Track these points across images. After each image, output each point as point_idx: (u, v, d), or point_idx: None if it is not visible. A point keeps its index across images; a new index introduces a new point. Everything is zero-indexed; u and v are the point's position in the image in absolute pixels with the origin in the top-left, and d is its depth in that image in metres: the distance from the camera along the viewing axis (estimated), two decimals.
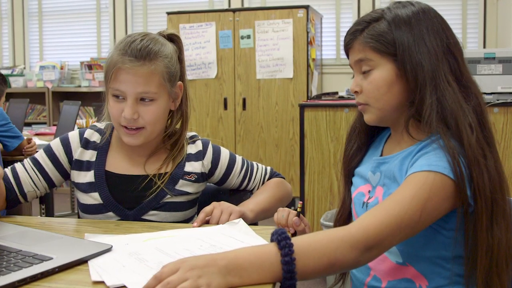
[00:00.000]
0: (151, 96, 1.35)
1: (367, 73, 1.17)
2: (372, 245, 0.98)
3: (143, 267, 0.99)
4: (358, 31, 1.17)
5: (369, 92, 1.17)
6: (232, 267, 0.89)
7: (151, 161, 1.46)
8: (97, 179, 1.43)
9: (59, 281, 0.95)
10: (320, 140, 3.06)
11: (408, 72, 1.12)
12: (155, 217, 1.42)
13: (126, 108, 1.34)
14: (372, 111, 1.19)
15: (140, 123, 1.36)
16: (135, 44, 1.34)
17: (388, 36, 1.14)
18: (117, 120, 1.37)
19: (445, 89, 1.10)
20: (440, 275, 1.13)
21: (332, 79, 5.14)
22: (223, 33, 4.63)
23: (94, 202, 1.43)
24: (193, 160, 1.48)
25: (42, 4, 6.13)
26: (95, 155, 1.45)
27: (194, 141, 1.52)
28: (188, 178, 1.46)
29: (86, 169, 1.45)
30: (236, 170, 1.53)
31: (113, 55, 1.36)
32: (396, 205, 1.01)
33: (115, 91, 1.36)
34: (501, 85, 2.82)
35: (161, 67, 1.36)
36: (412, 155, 1.12)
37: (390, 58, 1.14)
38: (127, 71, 1.33)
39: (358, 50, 1.18)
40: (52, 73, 5.78)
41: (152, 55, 1.34)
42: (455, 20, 4.88)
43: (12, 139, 2.99)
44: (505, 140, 2.78)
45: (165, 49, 1.39)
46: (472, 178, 1.04)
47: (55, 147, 1.46)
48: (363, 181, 1.27)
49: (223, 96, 4.68)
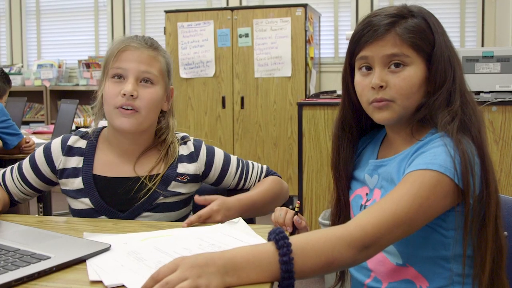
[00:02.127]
0: (152, 78, 1.39)
1: (398, 68, 1.12)
2: (370, 244, 0.97)
3: (141, 266, 0.99)
4: (392, 23, 1.11)
5: (400, 89, 1.12)
6: (230, 266, 0.88)
7: (142, 162, 1.45)
8: (86, 185, 1.42)
9: (57, 281, 0.95)
10: (318, 138, 3.06)
11: (437, 76, 1.11)
12: (149, 218, 1.42)
13: (127, 84, 1.35)
14: (395, 109, 1.14)
15: (136, 104, 1.36)
16: (136, 36, 1.42)
17: (427, 34, 1.12)
18: (113, 102, 1.37)
19: (470, 98, 1.12)
20: (441, 275, 1.13)
21: (330, 78, 5.13)
22: (221, 32, 4.63)
23: (85, 207, 1.42)
24: (185, 161, 1.47)
25: (40, 2, 6.11)
26: (82, 161, 1.44)
27: (185, 142, 1.50)
28: (181, 179, 1.45)
29: (73, 175, 1.44)
30: (232, 170, 1.52)
31: (118, 40, 1.42)
32: (393, 203, 1.01)
33: (117, 70, 1.37)
34: (499, 84, 2.82)
35: (163, 59, 1.43)
36: (410, 156, 1.12)
37: (425, 57, 1.12)
38: (133, 50, 1.38)
39: (392, 44, 1.11)
40: (50, 71, 5.77)
41: (155, 45, 1.43)
42: (453, 19, 4.88)
43: (13, 137, 2.99)
44: (503, 138, 2.78)
45: (161, 47, 1.46)
46: (488, 185, 1.06)
47: (38, 158, 1.47)
48: (360, 184, 1.27)
49: (221, 95, 4.67)
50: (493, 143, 2.77)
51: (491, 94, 2.81)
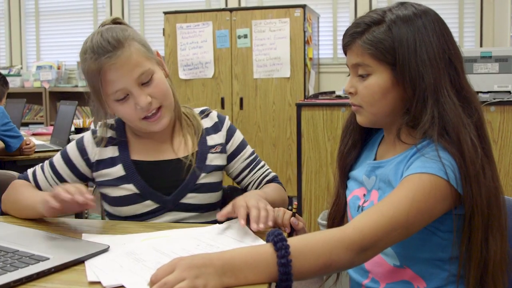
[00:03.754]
0: (148, 72, 1.32)
1: (363, 77, 1.15)
2: (368, 246, 0.98)
3: (140, 267, 0.99)
4: (357, 33, 1.14)
5: (363, 96, 1.16)
6: (228, 267, 0.89)
7: (175, 143, 1.45)
8: (128, 171, 1.40)
9: (55, 281, 0.95)
10: (317, 139, 3.07)
11: (406, 83, 1.10)
12: (193, 200, 1.42)
13: (137, 98, 1.30)
14: (365, 114, 1.19)
15: (155, 104, 1.33)
16: (100, 41, 1.29)
17: (387, 44, 1.11)
18: (134, 118, 1.34)
19: (446, 102, 1.09)
20: (438, 276, 1.13)
21: (329, 79, 5.14)
22: (220, 33, 4.63)
23: (128, 193, 1.40)
24: (212, 133, 1.48)
25: (39, 4, 6.11)
26: (117, 150, 1.43)
27: (207, 114, 1.51)
28: (214, 151, 1.46)
29: (111, 165, 1.42)
30: (245, 154, 1.52)
31: (89, 66, 1.30)
32: (391, 206, 1.01)
33: (115, 95, 1.31)
34: (497, 84, 2.82)
35: (136, 44, 1.32)
36: (407, 159, 1.12)
37: (388, 66, 1.12)
38: (113, 67, 1.28)
39: (356, 54, 1.15)
40: (49, 73, 5.77)
41: (121, 39, 1.29)
42: (452, 19, 4.89)
43: (14, 139, 2.99)
44: (502, 138, 2.79)
45: (125, 31, 1.33)
46: (473, 194, 1.04)
47: (71, 153, 1.44)
48: (357, 185, 1.27)
49: (220, 96, 4.67)
50: (492, 143, 2.76)
51: (490, 94, 2.81)
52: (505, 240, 1.11)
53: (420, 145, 1.10)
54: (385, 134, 1.25)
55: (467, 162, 1.04)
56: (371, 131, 1.31)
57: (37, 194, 1.36)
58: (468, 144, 1.06)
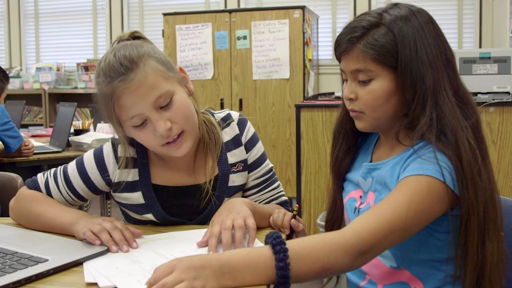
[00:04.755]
0: (167, 94, 1.18)
1: (365, 82, 1.13)
2: (366, 250, 0.98)
3: (136, 268, 0.99)
4: (355, 38, 1.11)
5: (366, 102, 1.14)
6: (226, 269, 0.89)
7: (196, 165, 1.33)
8: (147, 199, 1.31)
9: (54, 283, 0.95)
10: (317, 140, 3.07)
11: (407, 85, 1.09)
12: None
13: (155, 124, 1.17)
14: (367, 119, 1.16)
15: (176, 130, 1.20)
16: (112, 62, 1.17)
17: (390, 47, 1.09)
18: (155, 145, 1.22)
19: (445, 104, 1.08)
20: (435, 277, 1.14)
21: (329, 80, 5.14)
22: (220, 34, 4.63)
23: (147, 220, 1.33)
24: (232, 148, 1.35)
25: (38, 6, 6.12)
26: (137, 173, 1.32)
27: (228, 123, 1.38)
28: (236, 169, 1.34)
29: (131, 190, 1.32)
30: (260, 171, 1.38)
31: (102, 90, 1.19)
32: (389, 209, 1.01)
33: (132, 121, 1.19)
34: (496, 85, 2.82)
35: (152, 63, 1.19)
36: (404, 160, 1.12)
37: (390, 69, 1.11)
38: (127, 92, 1.16)
39: (357, 60, 1.12)
40: (48, 74, 5.77)
41: (134, 58, 1.17)
42: (451, 20, 4.89)
43: (14, 139, 2.97)
44: (501, 139, 2.79)
45: (141, 48, 1.21)
46: (469, 197, 1.04)
47: (90, 169, 1.33)
48: (353, 186, 1.27)
49: (220, 97, 4.68)
50: (491, 144, 2.77)
51: (489, 95, 2.81)
52: (502, 241, 1.11)
53: (416, 147, 1.10)
54: (382, 136, 1.25)
55: (464, 164, 1.04)
56: (365, 134, 1.30)
57: (69, 213, 1.26)
58: (466, 146, 1.05)
